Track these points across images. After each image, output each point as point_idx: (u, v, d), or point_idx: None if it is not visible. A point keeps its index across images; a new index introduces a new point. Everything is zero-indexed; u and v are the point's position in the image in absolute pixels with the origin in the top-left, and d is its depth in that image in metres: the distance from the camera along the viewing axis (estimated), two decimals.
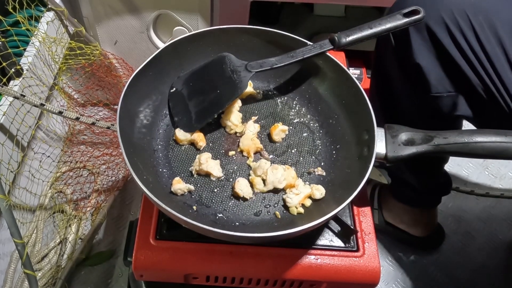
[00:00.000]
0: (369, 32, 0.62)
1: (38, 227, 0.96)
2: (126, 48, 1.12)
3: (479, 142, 0.52)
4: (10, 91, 0.72)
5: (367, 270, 0.57)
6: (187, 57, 0.66)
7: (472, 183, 1.17)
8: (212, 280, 0.59)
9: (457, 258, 1.01)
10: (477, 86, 0.64)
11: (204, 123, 0.62)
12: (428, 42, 0.65)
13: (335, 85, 0.65)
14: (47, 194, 1.02)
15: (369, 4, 1.00)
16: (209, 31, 0.66)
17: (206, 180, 0.58)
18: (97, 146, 1.15)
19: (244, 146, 0.61)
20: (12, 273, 0.85)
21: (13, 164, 0.78)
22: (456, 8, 0.62)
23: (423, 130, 0.56)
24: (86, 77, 1.11)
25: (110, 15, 1.04)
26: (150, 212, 0.59)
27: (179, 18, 1.03)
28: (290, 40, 0.65)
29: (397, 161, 0.55)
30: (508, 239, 1.05)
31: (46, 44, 0.89)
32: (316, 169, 0.60)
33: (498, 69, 0.61)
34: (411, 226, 0.98)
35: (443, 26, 0.63)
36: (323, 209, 0.53)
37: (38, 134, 0.96)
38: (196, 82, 0.64)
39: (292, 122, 0.66)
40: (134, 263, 0.56)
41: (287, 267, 0.57)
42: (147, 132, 0.61)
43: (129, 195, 1.10)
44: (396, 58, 0.71)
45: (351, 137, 0.61)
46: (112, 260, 0.97)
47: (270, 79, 0.70)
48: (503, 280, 0.98)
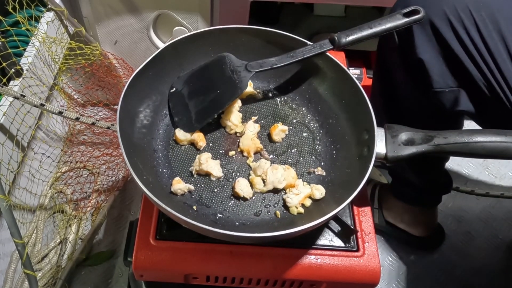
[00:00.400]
0: (369, 32, 0.62)
1: (38, 227, 0.95)
2: (126, 48, 1.12)
3: (479, 142, 0.52)
4: (10, 91, 0.72)
5: (367, 270, 0.57)
6: (187, 57, 0.66)
7: (472, 183, 1.17)
8: (212, 280, 0.59)
9: (457, 258, 1.01)
10: (479, 81, 0.64)
11: (204, 123, 0.62)
12: (431, 37, 0.65)
13: (335, 85, 0.65)
14: (47, 194, 1.02)
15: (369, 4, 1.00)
16: (209, 31, 0.66)
17: (206, 180, 0.58)
18: (97, 146, 1.15)
19: (244, 146, 0.61)
20: (12, 273, 0.85)
21: (13, 164, 0.78)
22: (459, 3, 0.63)
23: (423, 130, 0.56)
24: (86, 77, 1.11)
25: (110, 15, 1.04)
26: (150, 212, 0.59)
27: (179, 18, 1.03)
28: (290, 40, 0.65)
29: (397, 161, 0.55)
30: (508, 239, 1.05)
31: (46, 44, 0.89)
32: (316, 169, 0.60)
33: (500, 65, 0.62)
34: (411, 225, 0.98)
35: (446, 21, 0.63)
36: (323, 209, 0.53)
37: (38, 134, 0.96)
38: (196, 82, 0.64)
39: (292, 122, 0.66)
40: (134, 263, 0.56)
41: (287, 267, 0.57)
42: (147, 132, 0.61)
43: (129, 195, 1.10)
44: (399, 53, 0.72)
45: (351, 137, 0.61)
46: (112, 260, 0.98)
47: (270, 79, 0.70)
48: (503, 280, 0.98)
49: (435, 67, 0.67)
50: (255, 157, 0.61)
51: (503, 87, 0.62)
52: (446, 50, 0.65)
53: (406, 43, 0.69)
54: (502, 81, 0.62)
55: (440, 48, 0.66)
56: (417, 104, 0.75)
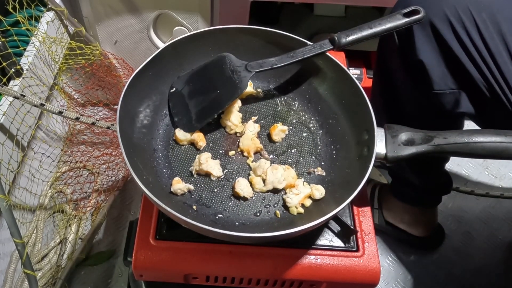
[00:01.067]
0: (369, 32, 0.62)
1: (38, 227, 0.95)
2: (126, 48, 1.12)
3: (479, 142, 0.52)
4: (10, 91, 0.72)
5: (367, 270, 0.57)
6: (187, 57, 0.66)
7: (472, 183, 1.17)
8: (212, 280, 0.59)
9: (457, 258, 1.01)
10: (479, 83, 0.64)
11: (204, 123, 0.62)
12: (432, 38, 0.65)
13: (335, 85, 0.65)
14: (47, 194, 1.02)
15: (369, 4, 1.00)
16: (209, 31, 0.66)
17: (206, 180, 0.58)
18: (97, 146, 1.15)
19: (244, 146, 0.61)
20: (12, 273, 0.85)
21: (13, 164, 0.78)
22: (459, 5, 0.62)
23: (423, 130, 0.56)
24: (86, 77, 1.11)
25: (110, 15, 1.04)
26: (150, 212, 0.59)
27: (179, 18, 1.03)
28: (290, 40, 0.65)
29: (397, 161, 0.55)
30: (508, 239, 1.05)
31: (46, 44, 0.89)
32: (316, 169, 0.60)
33: (501, 66, 0.62)
34: (411, 226, 0.98)
35: (446, 23, 0.63)
36: (323, 209, 0.53)
37: (38, 134, 0.96)
38: (196, 82, 0.64)
39: (292, 122, 0.66)
40: (134, 263, 0.56)
41: (287, 267, 0.57)
42: (147, 132, 0.61)
43: (129, 195, 1.10)
44: (399, 55, 0.72)
45: (351, 137, 0.61)
46: (112, 260, 0.98)
47: (270, 79, 0.70)
48: (503, 280, 0.98)
49: (435, 68, 0.67)
50: (255, 157, 0.61)
51: (504, 88, 0.62)
52: (447, 51, 0.65)
53: (406, 44, 0.68)
54: (503, 82, 0.62)
55: (440, 50, 0.65)
56: (417, 105, 0.74)
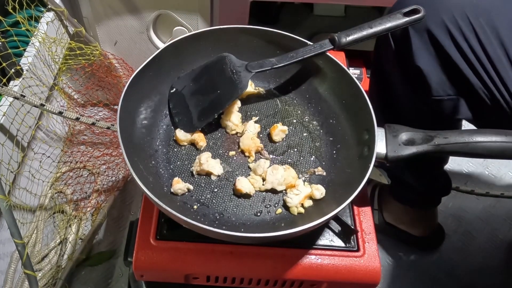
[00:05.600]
0: (369, 32, 0.62)
1: (38, 227, 0.96)
2: (126, 48, 1.12)
3: (479, 141, 0.52)
4: (10, 92, 0.72)
5: (368, 270, 0.57)
6: (187, 57, 0.66)
7: (472, 183, 1.17)
8: (213, 280, 0.59)
9: (457, 258, 1.01)
10: (478, 89, 0.63)
11: (204, 123, 0.61)
12: (429, 45, 0.64)
13: (335, 85, 0.65)
14: (47, 194, 1.02)
15: (369, 4, 1.00)
16: (209, 31, 0.66)
17: (206, 180, 0.58)
18: (97, 146, 1.15)
19: (244, 145, 0.61)
20: (12, 273, 0.85)
21: (13, 164, 0.78)
22: (456, 10, 0.61)
23: (423, 130, 0.56)
24: (86, 77, 1.11)
25: (110, 15, 1.04)
26: (150, 212, 0.59)
27: (179, 18, 1.03)
28: (290, 40, 0.65)
29: (397, 161, 0.55)
30: (508, 239, 1.05)
31: (46, 44, 0.89)
32: (316, 169, 0.60)
33: (500, 71, 0.61)
34: (411, 226, 0.98)
35: (443, 28, 0.62)
36: (323, 209, 0.53)
37: (38, 134, 0.96)
38: (196, 82, 0.64)
39: (292, 122, 0.66)
40: (135, 263, 0.56)
41: (287, 267, 0.57)
42: (147, 132, 0.61)
43: (129, 195, 1.10)
44: (397, 60, 0.71)
45: (352, 137, 0.61)
46: (112, 260, 0.98)
47: (270, 79, 0.70)
48: (503, 280, 0.98)
49: (433, 75, 0.66)
50: (255, 157, 0.61)
51: (503, 93, 0.61)
52: (445, 58, 0.64)
53: (403, 50, 0.68)
54: (503, 88, 0.61)
55: (438, 56, 0.64)
56: (415, 109, 0.74)
